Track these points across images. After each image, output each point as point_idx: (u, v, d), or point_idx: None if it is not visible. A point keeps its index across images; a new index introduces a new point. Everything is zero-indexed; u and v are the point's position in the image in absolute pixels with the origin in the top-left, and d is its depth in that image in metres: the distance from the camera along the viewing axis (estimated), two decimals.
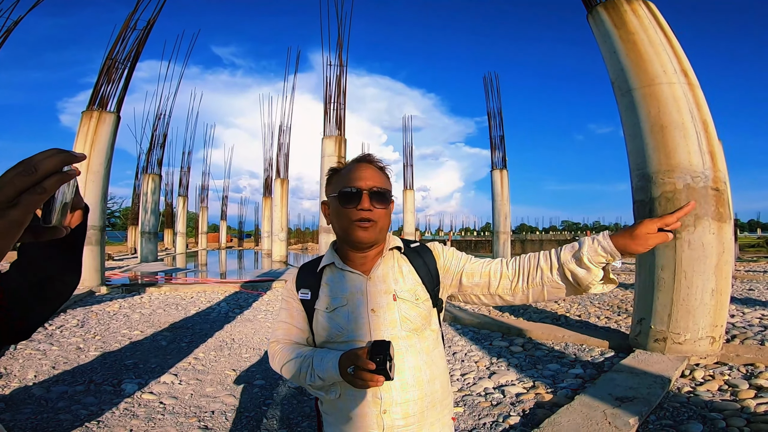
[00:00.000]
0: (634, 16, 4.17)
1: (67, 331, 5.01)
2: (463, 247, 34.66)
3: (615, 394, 2.65)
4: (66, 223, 0.56)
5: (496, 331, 4.86)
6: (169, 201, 27.46)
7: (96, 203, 8.42)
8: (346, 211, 1.05)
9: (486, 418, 2.69)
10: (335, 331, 1.06)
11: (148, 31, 9.16)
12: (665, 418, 2.52)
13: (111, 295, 7.81)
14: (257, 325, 5.57)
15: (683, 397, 2.83)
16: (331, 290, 1.10)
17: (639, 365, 3.30)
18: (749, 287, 8.15)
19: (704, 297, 3.61)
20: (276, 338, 1.15)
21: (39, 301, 0.69)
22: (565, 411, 2.43)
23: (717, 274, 3.65)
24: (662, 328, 3.70)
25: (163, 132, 18.31)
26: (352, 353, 0.94)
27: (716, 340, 3.61)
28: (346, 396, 1.03)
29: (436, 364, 1.08)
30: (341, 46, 10.70)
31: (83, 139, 8.38)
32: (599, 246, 0.94)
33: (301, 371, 1.04)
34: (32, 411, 2.82)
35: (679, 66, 3.99)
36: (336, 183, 1.10)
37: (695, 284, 3.63)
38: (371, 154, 1.14)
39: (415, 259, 1.12)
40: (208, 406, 3.00)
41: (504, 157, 15.15)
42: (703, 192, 3.74)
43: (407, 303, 1.06)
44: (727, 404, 2.66)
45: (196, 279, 10.95)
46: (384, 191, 1.07)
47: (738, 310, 5.70)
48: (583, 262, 0.95)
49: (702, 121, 3.88)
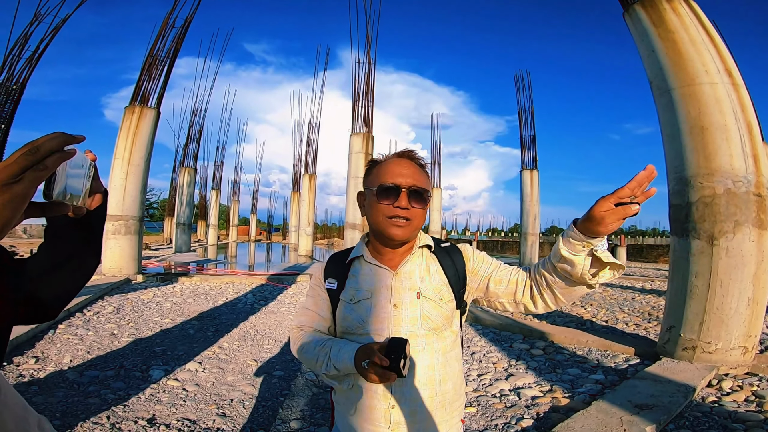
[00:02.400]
0: (674, 14, 4.00)
1: (103, 317, 5.25)
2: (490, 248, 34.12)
3: (634, 401, 2.57)
4: (87, 206, 0.64)
5: (517, 333, 4.79)
6: (203, 194, 28.45)
7: (136, 194, 8.79)
8: (382, 206, 1.05)
9: (499, 419, 2.66)
10: (356, 323, 1.07)
11: (186, 29, 9.49)
12: (684, 427, 2.43)
13: (146, 283, 8.16)
14: (280, 317, 5.70)
15: (706, 407, 2.72)
16: (357, 282, 1.11)
17: (664, 373, 3.18)
18: None
19: (740, 306, 3.44)
20: (299, 324, 1.18)
21: (60, 281, 0.75)
22: (580, 416, 2.38)
23: (755, 283, 3.47)
24: (692, 336, 3.54)
25: (199, 127, 18.96)
26: (369, 348, 0.95)
27: (749, 350, 3.44)
28: (358, 387, 1.05)
29: (450, 366, 1.08)
30: (369, 43, 10.75)
31: (125, 133, 8.75)
32: (569, 237, 0.91)
33: (318, 359, 1.06)
34: (64, 395, 2.93)
35: (722, 65, 3.81)
36: (375, 175, 1.09)
37: (731, 293, 3.47)
38: (413, 150, 1.13)
39: (444, 259, 1.12)
40: (228, 394, 3.10)
41: (535, 157, 14.79)
42: (744, 197, 3.56)
43: (430, 302, 1.06)
44: (751, 415, 2.55)
45: (225, 270, 11.31)
46: (423, 190, 1.06)
47: None
48: (563, 257, 0.93)
49: (746, 123, 3.69)
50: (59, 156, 0.49)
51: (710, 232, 3.62)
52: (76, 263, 0.76)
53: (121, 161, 8.69)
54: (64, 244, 0.74)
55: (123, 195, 8.62)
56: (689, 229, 3.75)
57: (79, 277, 0.77)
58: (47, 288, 0.73)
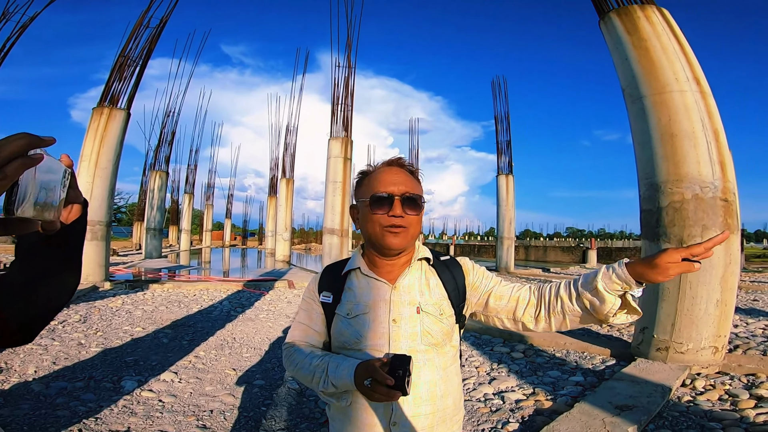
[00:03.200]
0: (647, 23, 4.13)
1: (69, 327, 5.02)
2: (467, 252, 34.54)
3: (615, 402, 2.63)
4: (61, 218, 0.53)
5: (497, 336, 4.84)
6: (175, 198, 27.73)
7: (103, 199, 8.49)
8: (376, 216, 1.02)
9: (485, 424, 2.68)
10: (353, 338, 1.04)
11: (161, 29, 9.24)
12: (664, 427, 2.50)
13: (114, 291, 7.85)
14: (259, 324, 5.58)
15: (683, 407, 2.81)
16: (354, 296, 1.07)
17: (640, 374, 3.27)
18: (754, 297, 8.10)
19: (708, 307, 3.58)
20: (293, 338, 1.14)
21: (34, 302, 0.66)
22: (564, 419, 2.41)
23: (723, 285, 3.62)
24: (665, 337, 3.66)
25: (172, 129, 18.50)
26: (370, 365, 0.91)
27: (719, 350, 3.58)
28: (357, 404, 1.01)
29: (450, 380, 1.06)
30: (350, 47, 10.73)
31: (93, 135, 8.46)
32: (614, 274, 0.90)
33: (314, 376, 1.02)
34: (30, 407, 2.80)
35: (691, 73, 3.95)
36: (366, 186, 1.07)
37: (700, 294, 3.60)
38: (402, 157, 1.11)
39: (444, 273, 1.09)
40: (207, 405, 3.00)
41: (510, 162, 15.11)
42: (711, 203, 3.71)
43: (431, 317, 1.04)
44: (727, 414, 2.64)
45: (199, 277, 11.00)
46: (416, 197, 1.04)
47: (742, 321, 5.67)
48: (598, 291, 0.92)
49: (713, 131, 3.83)
50: (22, 162, 0.41)
51: (680, 236, 3.75)
52: (53, 282, 0.67)
53: (87, 164, 8.37)
54: (39, 262, 0.64)
55: (89, 199, 8.19)
56: (660, 234, 3.88)
57: (55, 296, 0.68)
58: (20, 309, 0.64)
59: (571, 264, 22.43)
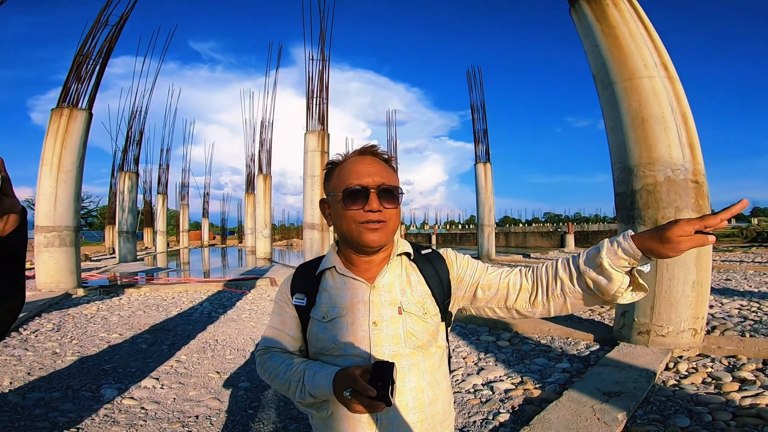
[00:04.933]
0: (616, 10, 4.17)
1: (42, 336, 4.84)
2: (449, 241, 34.85)
3: (602, 389, 2.67)
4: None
5: (482, 325, 4.87)
6: (148, 199, 26.85)
7: (69, 203, 8.16)
8: (351, 212, 0.94)
9: (476, 416, 2.68)
10: (331, 343, 0.96)
11: (121, 27, 8.91)
12: (653, 412, 2.54)
13: (88, 297, 7.56)
14: (241, 325, 5.46)
15: (669, 391, 2.86)
16: (330, 298, 1.00)
17: (624, 359, 3.33)
18: (726, 277, 8.38)
19: (685, 289, 3.67)
20: (266, 345, 1.06)
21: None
22: (554, 407, 2.43)
23: (698, 266, 3.71)
24: (645, 320, 3.75)
25: (140, 129, 17.78)
26: (350, 375, 0.85)
27: (698, 332, 3.68)
28: (338, 414, 0.94)
29: (439, 384, 0.99)
30: (324, 40, 10.53)
31: (53, 137, 8.11)
32: (620, 248, 0.83)
33: (290, 385, 0.95)
34: (8, 419, 2.72)
35: (659, 59, 4.01)
36: (337, 179, 0.98)
37: (677, 276, 3.69)
38: (375, 144, 1.02)
39: (426, 268, 1.02)
40: (192, 410, 2.91)
41: (487, 150, 15.23)
42: (683, 185, 3.78)
43: (414, 317, 0.96)
44: (712, 397, 2.69)
45: (177, 279, 10.71)
46: (393, 188, 0.96)
47: (717, 301, 5.85)
48: (604, 268, 0.85)
49: (681, 114, 3.91)
50: None
51: (654, 218, 3.82)
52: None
53: (49, 167, 8.00)
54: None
55: (54, 204, 7.95)
56: (634, 216, 3.95)
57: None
58: None
59: (551, 249, 22.89)
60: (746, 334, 4.13)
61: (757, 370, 3.11)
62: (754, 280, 8.00)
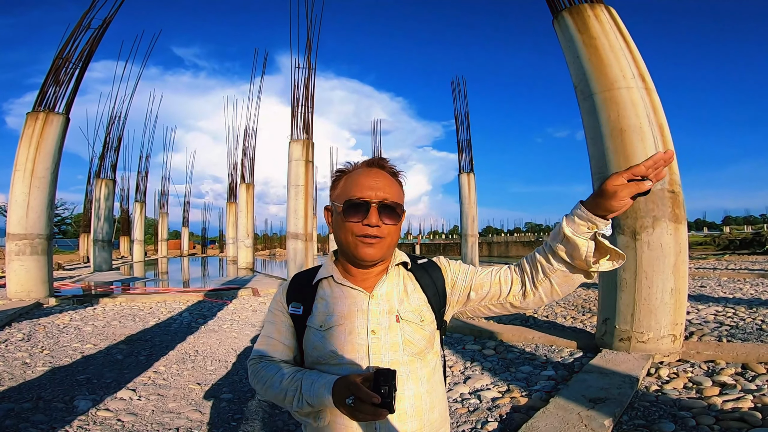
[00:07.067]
0: (596, 21, 4.27)
1: (12, 346, 4.65)
2: (433, 251, 34.99)
3: (588, 396, 2.69)
4: None
5: (468, 334, 4.87)
6: (125, 207, 26.19)
7: (42, 210, 7.88)
8: (350, 224, 0.95)
9: (465, 425, 2.66)
10: (328, 352, 0.96)
11: (104, 30, 8.72)
12: (637, 417, 2.57)
13: (61, 306, 7.29)
14: (222, 335, 5.34)
15: (652, 396, 2.90)
16: (327, 306, 0.99)
17: (607, 365, 3.37)
18: (701, 284, 8.65)
19: (664, 296, 3.75)
20: (259, 354, 1.04)
21: None
22: (541, 415, 2.43)
23: (675, 274, 3.80)
24: (626, 327, 3.81)
25: (118, 135, 17.38)
26: (351, 382, 0.84)
27: (677, 338, 3.76)
28: (335, 424, 0.93)
29: (436, 391, 1.00)
30: (310, 48, 10.54)
31: (28, 141, 7.86)
32: (575, 216, 0.87)
33: (287, 395, 0.93)
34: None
35: (637, 70, 4.12)
36: (342, 189, 0.99)
37: (656, 284, 3.77)
38: (385, 158, 1.03)
39: (423, 277, 1.03)
40: (172, 422, 2.81)
41: (471, 160, 15.42)
42: (660, 195, 3.89)
43: (412, 324, 0.98)
44: (695, 402, 2.73)
45: (155, 288, 10.43)
46: (395, 205, 0.96)
47: (693, 307, 6.00)
48: (568, 238, 0.88)
49: (658, 125, 4.02)
50: None
51: (633, 228, 3.91)
52: None
53: (22, 173, 7.74)
54: None
55: (26, 211, 7.68)
56: (614, 226, 4.02)
57: None
58: None
59: None
60: (723, 339, 4.24)
61: (736, 374, 3.18)
62: (728, 286, 8.26)
